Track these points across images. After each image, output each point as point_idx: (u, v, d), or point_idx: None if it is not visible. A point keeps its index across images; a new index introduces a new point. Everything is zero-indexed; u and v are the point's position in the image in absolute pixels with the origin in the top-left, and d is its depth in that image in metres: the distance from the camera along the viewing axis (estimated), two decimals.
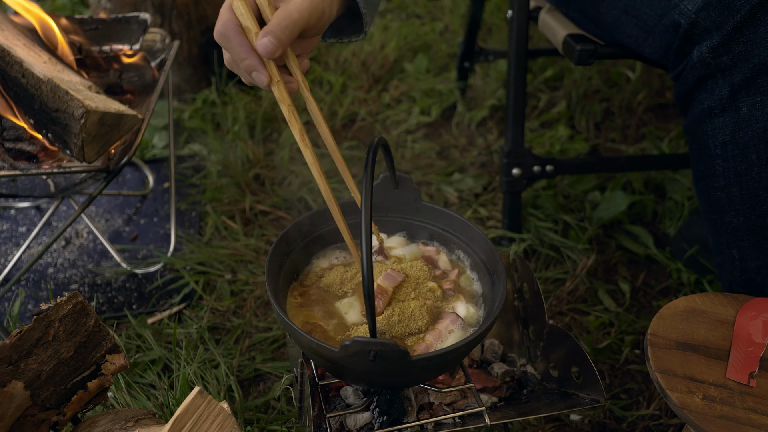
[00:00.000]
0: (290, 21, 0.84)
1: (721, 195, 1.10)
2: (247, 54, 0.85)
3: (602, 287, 1.53)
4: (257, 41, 0.84)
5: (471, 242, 1.07)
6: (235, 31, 0.85)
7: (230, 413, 0.79)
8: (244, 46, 0.85)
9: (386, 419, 0.98)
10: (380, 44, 2.44)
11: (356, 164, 1.94)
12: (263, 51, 0.84)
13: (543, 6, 1.52)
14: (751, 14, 1.00)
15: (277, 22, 0.84)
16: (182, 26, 2.13)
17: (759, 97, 1.02)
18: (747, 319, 0.97)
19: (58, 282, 1.58)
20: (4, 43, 1.24)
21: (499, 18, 2.63)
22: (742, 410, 0.85)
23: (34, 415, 0.86)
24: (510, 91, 1.52)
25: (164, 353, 1.36)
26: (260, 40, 0.84)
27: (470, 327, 0.97)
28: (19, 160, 1.34)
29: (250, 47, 0.85)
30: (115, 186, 1.87)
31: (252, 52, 0.85)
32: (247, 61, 0.86)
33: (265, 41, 0.83)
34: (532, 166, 1.57)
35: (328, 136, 0.97)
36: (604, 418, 1.27)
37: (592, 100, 2.18)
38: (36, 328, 0.85)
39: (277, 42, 0.84)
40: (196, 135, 2.04)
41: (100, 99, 1.29)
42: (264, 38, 0.83)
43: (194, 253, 1.61)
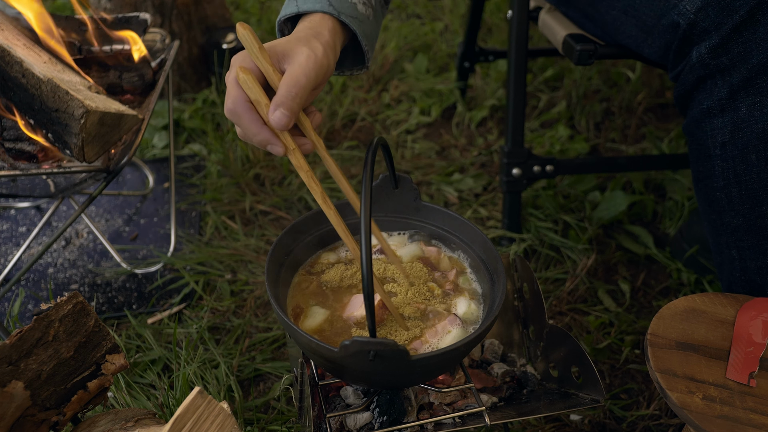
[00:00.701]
0: (299, 88, 0.83)
1: (720, 195, 1.10)
2: (259, 129, 0.84)
3: (602, 287, 1.53)
4: (270, 115, 0.83)
5: (471, 242, 1.07)
6: (245, 107, 0.83)
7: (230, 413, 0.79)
8: (256, 122, 0.84)
9: (386, 419, 0.98)
10: (380, 44, 2.44)
11: (356, 164, 1.94)
12: (277, 125, 0.83)
13: (543, 6, 1.52)
14: (750, 15, 1.00)
15: (286, 92, 0.83)
16: (182, 26, 2.13)
17: (758, 97, 1.02)
18: (747, 319, 0.97)
19: (58, 282, 1.58)
20: (4, 43, 1.24)
21: (499, 18, 2.63)
22: (742, 410, 0.85)
23: (34, 415, 0.86)
24: (510, 91, 1.52)
25: (164, 353, 1.36)
26: (272, 114, 0.82)
27: (470, 325, 0.97)
28: (19, 160, 1.34)
29: (261, 122, 0.84)
30: (115, 186, 1.87)
31: (264, 127, 0.84)
32: (260, 137, 0.85)
33: (278, 115, 0.82)
34: (532, 166, 1.57)
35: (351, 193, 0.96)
36: (604, 418, 1.27)
37: (592, 100, 2.18)
38: (36, 328, 0.85)
39: (289, 113, 0.83)
40: (196, 135, 2.04)
41: (100, 99, 1.29)
42: (276, 112, 0.82)
43: (194, 253, 1.62)
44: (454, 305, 1.00)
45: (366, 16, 0.97)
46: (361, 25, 0.96)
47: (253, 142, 0.86)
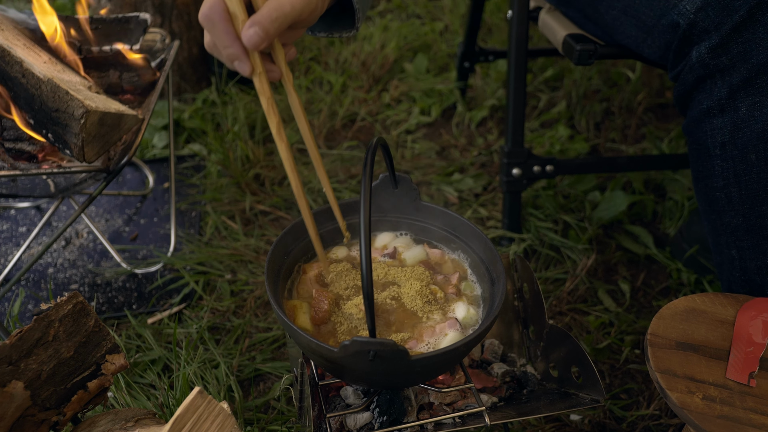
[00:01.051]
0: (281, 13, 0.81)
1: (720, 195, 1.10)
2: (231, 42, 0.81)
3: (602, 287, 1.53)
4: (243, 31, 0.80)
5: (471, 242, 1.07)
6: (221, 16, 0.80)
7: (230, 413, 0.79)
8: (229, 34, 0.81)
9: (386, 419, 0.98)
10: (380, 44, 2.44)
11: (356, 164, 1.94)
12: (248, 42, 0.80)
13: (543, 6, 1.52)
14: (750, 14, 1.00)
15: (267, 13, 0.80)
16: (182, 26, 2.14)
17: (758, 97, 1.02)
18: (747, 319, 0.97)
19: (58, 282, 1.58)
20: (4, 43, 1.24)
21: (499, 18, 2.63)
22: (742, 410, 0.85)
23: (34, 415, 0.86)
24: (510, 91, 1.52)
25: (164, 353, 1.36)
26: (247, 30, 0.80)
27: (468, 329, 0.97)
28: (19, 160, 1.34)
29: (234, 35, 0.81)
30: (115, 186, 1.87)
31: (236, 41, 0.81)
32: (229, 50, 0.82)
33: (251, 33, 0.80)
34: (532, 166, 1.57)
35: (307, 132, 0.94)
36: (604, 418, 1.27)
37: (592, 100, 2.18)
38: (36, 328, 0.85)
39: (264, 34, 0.80)
40: (196, 135, 2.04)
41: (100, 99, 1.29)
42: (251, 29, 0.80)
43: (194, 253, 1.62)
44: (453, 309, 1.00)
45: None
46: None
47: (222, 55, 0.83)
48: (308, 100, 2.19)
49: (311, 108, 2.16)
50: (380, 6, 2.81)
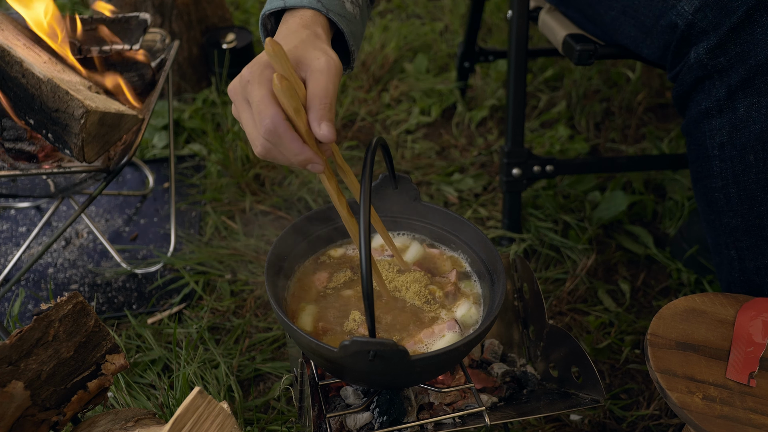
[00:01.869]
0: (330, 98, 0.80)
1: (719, 196, 1.11)
2: (301, 148, 0.79)
3: (602, 287, 1.54)
4: (316, 131, 0.79)
5: (471, 242, 1.07)
6: (285, 126, 0.78)
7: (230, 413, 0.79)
8: (297, 141, 0.79)
9: (386, 419, 0.98)
10: (380, 44, 2.44)
11: (356, 164, 1.94)
12: (326, 139, 0.79)
13: (543, 6, 1.52)
14: (748, 15, 1.00)
15: (320, 104, 0.79)
16: (182, 26, 2.13)
17: (756, 98, 1.02)
18: (747, 319, 0.97)
19: (58, 282, 1.58)
20: (4, 43, 1.24)
21: (499, 18, 2.63)
22: (742, 410, 0.85)
23: (34, 415, 0.86)
24: (510, 91, 1.52)
25: (164, 353, 1.36)
26: (319, 129, 0.78)
27: (468, 329, 0.97)
28: (19, 160, 1.34)
29: (301, 141, 0.79)
30: (115, 186, 1.87)
31: (305, 145, 0.79)
32: (301, 156, 0.79)
33: (326, 130, 0.78)
34: (532, 166, 1.57)
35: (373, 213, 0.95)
36: (604, 418, 1.27)
37: (592, 100, 2.18)
38: (36, 328, 0.85)
39: (332, 125, 0.79)
40: (196, 135, 2.04)
41: (100, 99, 1.29)
42: (322, 127, 0.78)
43: (194, 253, 1.62)
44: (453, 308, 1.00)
45: (353, 15, 0.94)
46: (349, 24, 0.93)
47: (292, 162, 0.81)
48: None
49: None
50: (380, 6, 2.81)
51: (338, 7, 0.92)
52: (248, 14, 2.66)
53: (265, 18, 0.95)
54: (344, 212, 0.91)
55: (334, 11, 0.91)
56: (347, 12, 0.93)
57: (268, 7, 0.93)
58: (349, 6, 0.94)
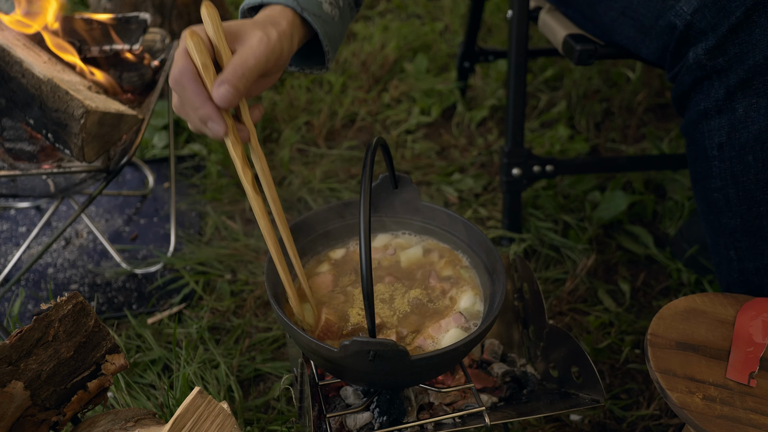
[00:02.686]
0: (246, 68, 0.81)
1: (718, 196, 1.11)
2: (203, 103, 0.80)
3: (602, 287, 1.54)
4: (213, 90, 0.80)
5: (471, 242, 1.07)
6: (192, 77, 0.80)
7: (230, 413, 0.79)
8: (201, 95, 0.80)
9: (386, 419, 0.98)
10: (380, 44, 2.44)
11: (356, 164, 1.94)
12: (220, 101, 0.80)
13: (543, 6, 1.52)
14: (746, 16, 1.00)
15: (232, 70, 0.80)
16: (182, 26, 2.14)
17: (755, 98, 1.02)
18: (747, 319, 0.97)
19: (58, 282, 1.58)
20: (4, 43, 1.24)
21: (499, 18, 2.63)
22: (742, 410, 0.85)
23: (34, 415, 0.86)
24: (510, 91, 1.53)
25: (164, 353, 1.36)
26: (217, 89, 0.80)
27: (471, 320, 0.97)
28: (19, 160, 1.34)
29: (206, 96, 0.80)
30: (115, 186, 1.87)
31: (208, 101, 0.80)
32: (201, 110, 0.81)
33: (222, 91, 0.79)
34: (532, 166, 1.57)
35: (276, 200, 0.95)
36: (604, 418, 1.27)
37: (592, 100, 2.18)
38: (36, 328, 0.85)
39: (234, 91, 0.80)
40: (196, 135, 2.04)
41: (100, 99, 1.29)
42: (221, 87, 0.79)
43: (194, 253, 1.62)
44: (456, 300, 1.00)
45: (331, 16, 0.95)
46: (324, 25, 0.94)
47: (193, 116, 0.82)
48: (308, 100, 2.19)
49: (311, 108, 2.16)
50: (380, 6, 2.81)
51: (314, 7, 0.93)
52: None
53: (244, 11, 0.97)
54: (248, 186, 0.90)
55: (309, 11, 0.92)
56: (323, 12, 0.94)
57: (248, 0, 0.95)
58: (326, 7, 0.94)
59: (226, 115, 0.83)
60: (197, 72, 0.80)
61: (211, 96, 0.81)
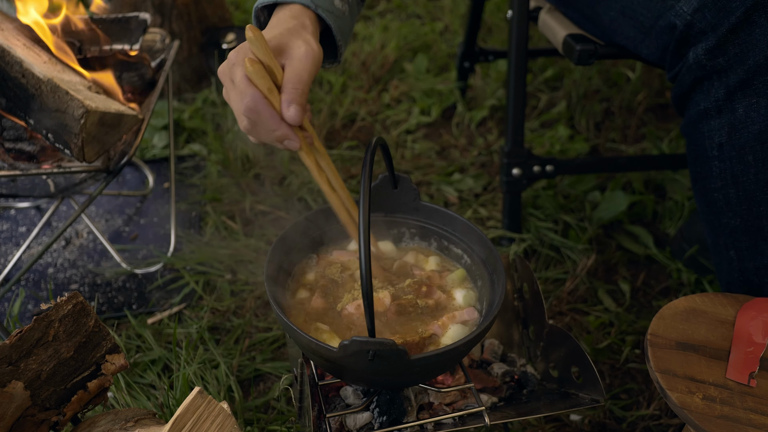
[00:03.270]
0: (304, 83, 0.86)
1: (718, 196, 1.10)
2: (278, 125, 0.86)
3: (602, 287, 1.53)
4: (284, 112, 0.85)
5: (471, 242, 1.07)
6: (264, 103, 0.84)
7: (230, 413, 0.79)
8: (275, 118, 0.85)
9: (386, 419, 0.98)
10: (380, 44, 2.44)
11: (356, 164, 1.94)
12: (293, 121, 0.85)
13: (543, 6, 1.52)
14: (746, 16, 1.00)
15: (293, 89, 0.85)
16: (182, 26, 2.14)
17: (755, 98, 1.02)
18: (747, 319, 0.97)
19: (58, 282, 1.58)
20: (4, 43, 1.24)
21: (499, 18, 2.63)
22: (742, 410, 0.85)
23: (34, 415, 0.86)
24: (510, 91, 1.52)
25: (164, 353, 1.36)
26: (287, 111, 0.85)
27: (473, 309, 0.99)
28: (19, 160, 1.34)
29: (279, 118, 0.86)
30: (115, 186, 1.87)
31: (282, 122, 0.86)
32: (279, 132, 0.86)
33: (293, 112, 0.85)
34: (532, 166, 1.57)
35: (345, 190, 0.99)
36: (604, 418, 1.27)
37: (592, 100, 2.18)
38: (36, 328, 0.85)
39: (301, 109, 0.85)
40: (196, 135, 2.04)
41: (100, 99, 1.29)
42: (290, 108, 0.85)
43: (194, 253, 1.61)
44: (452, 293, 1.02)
45: (342, 11, 0.99)
46: (337, 20, 0.97)
47: (269, 138, 0.88)
48: (308, 100, 2.19)
49: (311, 108, 2.16)
50: (380, 6, 2.81)
51: (327, 3, 0.96)
52: (248, 14, 2.66)
53: (258, 10, 0.99)
54: (325, 186, 0.95)
55: (323, 7, 0.95)
56: (335, 8, 0.97)
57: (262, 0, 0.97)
58: (337, 2, 0.98)
59: (297, 130, 0.88)
60: (264, 96, 0.84)
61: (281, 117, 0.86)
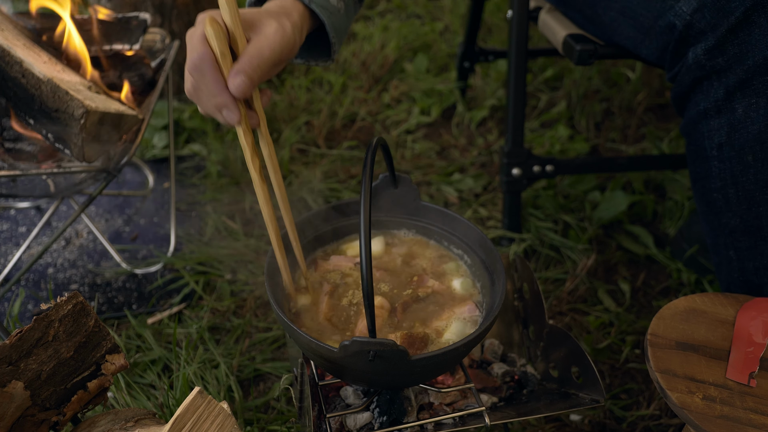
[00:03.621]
0: (262, 59, 0.82)
1: (717, 196, 1.10)
2: (220, 91, 0.82)
3: (602, 287, 1.53)
4: (229, 80, 0.81)
5: (471, 242, 1.07)
6: (210, 64, 0.81)
7: (230, 413, 0.79)
8: (219, 83, 0.82)
9: (386, 419, 0.98)
10: (380, 44, 2.44)
11: (356, 164, 1.94)
12: (236, 91, 0.81)
13: (543, 6, 1.52)
14: (746, 16, 1.00)
15: (248, 60, 0.82)
16: (182, 26, 2.13)
17: (754, 98, 1.02)
18: (747, 319, 0.97)
19: (58, 282, 1.58)
20: (4, 43, 1.24)
21: (499, 18, 2.63)
22: (742, 410, 0.85)
23: (34, 415, 0.86)
24: (510, 91, 1.52)
25: (164, 353, 1.36)
26: (233, 79, 0.81)
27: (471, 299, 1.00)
28: (19, 160, 1.34)
29: (224, 84, 0.82)
30: (115, 186, 1.87)
31: (225, 90, 0.82)
32: (218, 98, 0.82)
33: (239, 81, 0.81)
34: (532, 166, 1.57)
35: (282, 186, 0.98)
36: (604, 418, 1.27)
37: (592, 100, 2.18)
38: (36, 328, 0.85)
39: (249, 82, 0.81)
40: (196, 135, 2.04)
41: (100, 99, 1.29)
42: (237, 77, 0.81)
43: (194, 253, 1.61)
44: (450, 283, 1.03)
45: (337, 8, 0.97)
46: (331, 17, 0.96)
47: (209, 103, 0.84)
48: (308, 100, 2.19)
49: (311, 108, 2.16)
50: (380, 6, 2.81)
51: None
52: None
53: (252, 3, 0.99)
54: (255, 174, 0.92)
55: (317, 2, 0.94)
56: (330, 5, 0.96)
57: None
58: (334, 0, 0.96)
59: (239, 104, 0.84)
60: (216, 59, 0.81)
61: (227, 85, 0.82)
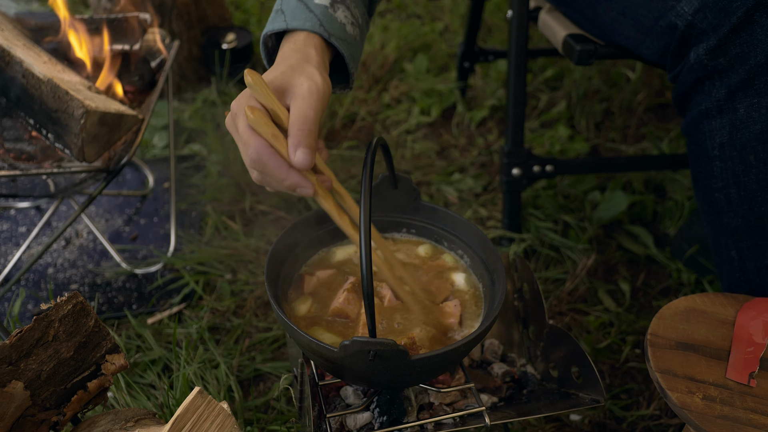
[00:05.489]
0: (310, 123, 0.81)
1: (719, 196, 1.11)
2: (287, 173, 0.81)
3: (602, 287, 1.53)
4: (292, 158, 0.80)
5: (471, 242, 1.07)
6: (269, 152, 0.80)
7: (230, 413, 0.79)
8: (283, 166, 0.81)
9: (386, 419, 0.98)
10: (380, 44, 2.44)
11: (356, 164, 1.94)
12: (302, 165, 0.80)
13: (543, 6, 1.52)
14: (748, 16, 1.00)
15: (298, 131, 0.80)
16: (182, 26, 2.14)
17: (756, 98, 1.02)
18: (747, 319, 0.97)
19: (58, 282, 1.58)
20: (4, 43, 1.24)
21: (499, 18, 2.63)
22: (742, 410, 0.85)
23: (34, 415, 0.86)
24: (510, 91, 1.52)
25: (164, 353, 1.36)
26: (295, 156, 0.79)
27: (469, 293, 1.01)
28: (19, 160, 1.34)
29: (287, 166, 0.81)
30: (115, 186, 1.87)
31: (291, 170, 0.81)
32: (289, 181, 0.81)
33: (300, 156, 0.79)
34: (532, 166, 1.57)
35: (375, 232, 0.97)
36: (604, 418, 1.27)
37: (592, 100, 2.18)
38: (36, 328, 0.85)
39: (310, 151, 0.80)
40: (196, 135, 2.04)
41: (100, 99, 1.29)
42: (297, 153, 0.79)
43: (194, 253, 1.62)
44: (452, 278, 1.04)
45: (353, 37, 0.95)
46: (350, 48, 0.94)
47: (281, 187, 0.83)
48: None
49: None
50: (380, 6, 2.81)
51: (340, 31, 0.92)
52: (248, 14, 2.67)
53: (266, 37, 0.95)
54: (348, 229, 0.92)
55: (336, 35, 0.92)
56: (348, 35, 0.94)
57: (271, 27, 0.93)
58: (349, 28, 0.94)
59: (308, 174, 0.83)
60: (270, 144, 0.80)
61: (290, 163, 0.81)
